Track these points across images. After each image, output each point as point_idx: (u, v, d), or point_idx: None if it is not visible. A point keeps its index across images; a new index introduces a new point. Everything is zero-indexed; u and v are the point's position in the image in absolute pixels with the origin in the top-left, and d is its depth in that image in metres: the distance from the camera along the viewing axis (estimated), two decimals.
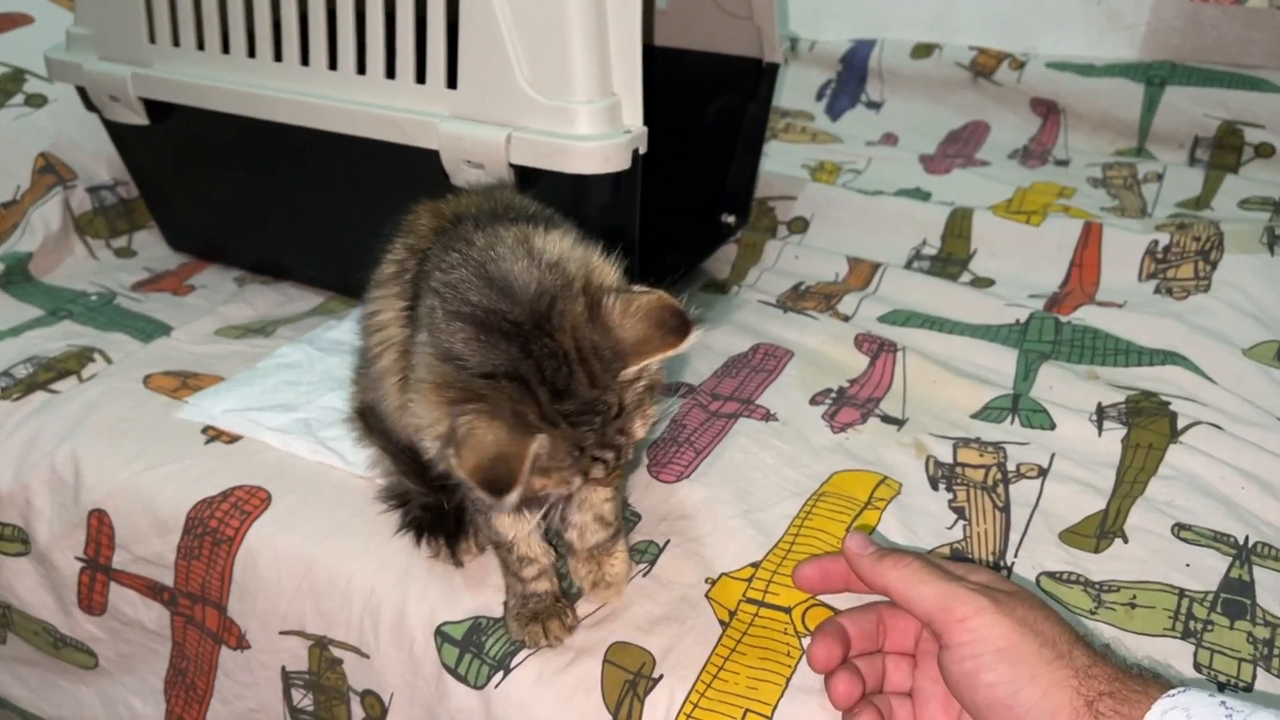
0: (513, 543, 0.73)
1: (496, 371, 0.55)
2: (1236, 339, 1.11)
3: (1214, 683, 0.71)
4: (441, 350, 0.57)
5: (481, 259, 0.60)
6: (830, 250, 1.35)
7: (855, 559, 0.66)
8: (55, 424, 0.98)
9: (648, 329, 0.58)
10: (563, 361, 0.56)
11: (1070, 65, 1.68)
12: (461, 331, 0.56)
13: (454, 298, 0.58)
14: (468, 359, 0.56)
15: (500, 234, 0.63)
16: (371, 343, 0.75)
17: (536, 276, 0.58)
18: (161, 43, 1.12)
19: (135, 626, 0.93)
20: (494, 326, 0.56)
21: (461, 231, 0.67)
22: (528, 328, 0.56)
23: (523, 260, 0.59)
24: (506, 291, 0.57)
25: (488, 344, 0.56)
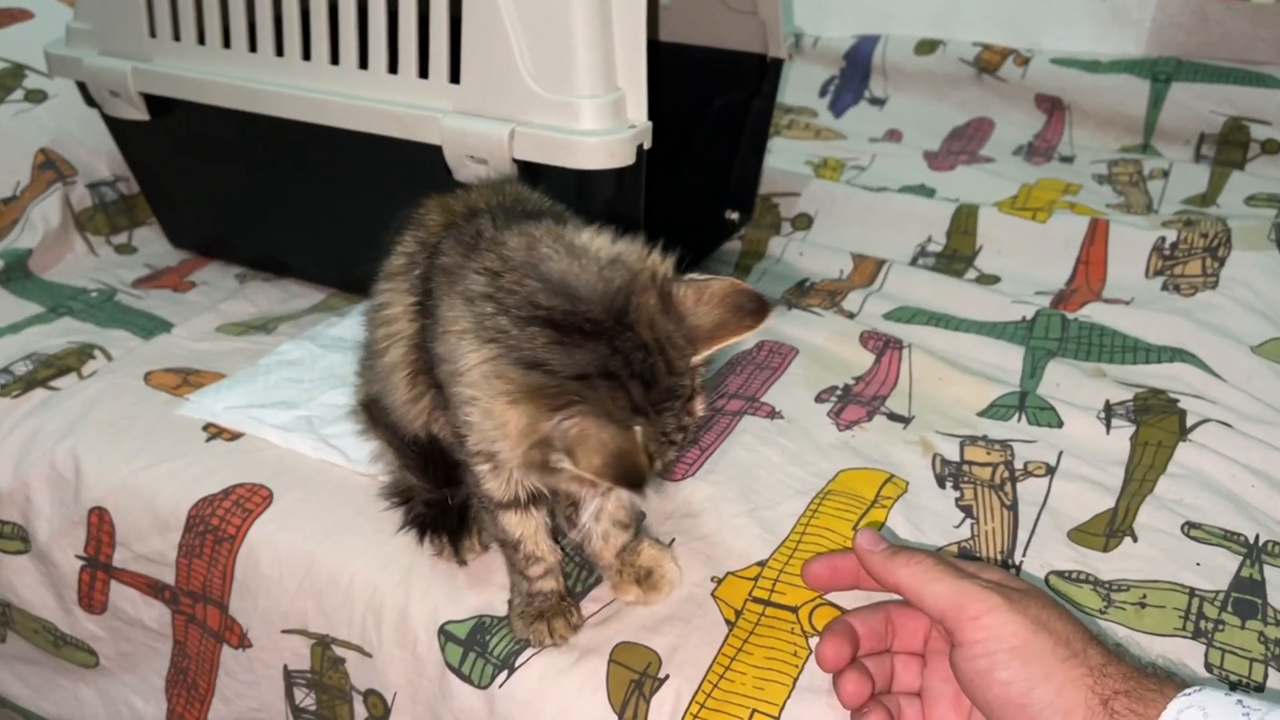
0: (520, 540, 0.72)
1: (590, 372, 0.56)
2: (1245, 336, 1.10)
3: (1225, 683, 0.70)
4: (523, 358, 0.56)
5: (529, 260, 0.59)
6: (834, 247, 1.34)
7: (866, 556, 0.65)
8: (55, 421, 0.98)
9: (723, 313, 0.60)
10: (647, 353, 0.57)
11: (1075, 61, 1.67)
12: (541, 336, 0.56)
13: (517, 302, 0.57)
14: (554, 363, 0.56)
15: (534, 234, 0.62)
16: (378, 335, 0.75)
17: (600, 274, 0.59)
18: (162, 37, 1.11)
19: (136, 625, 0.93)
20: (575, 328, 0.56)
21: (479, 228, 0.66)
22: (609, 325, 0.57)
23: (577, 260, 0.59)
24: (573, 292, 0.58)
25: (572, 346, 0.56)
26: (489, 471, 0.69)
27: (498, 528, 0.72)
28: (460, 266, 0.64)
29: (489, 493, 0.70)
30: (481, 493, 0.70)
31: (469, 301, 0.60)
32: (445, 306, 0.63)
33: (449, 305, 0.62)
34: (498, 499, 0.70)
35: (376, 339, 0.75)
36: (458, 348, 0.60)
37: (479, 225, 0.67)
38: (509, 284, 0.59)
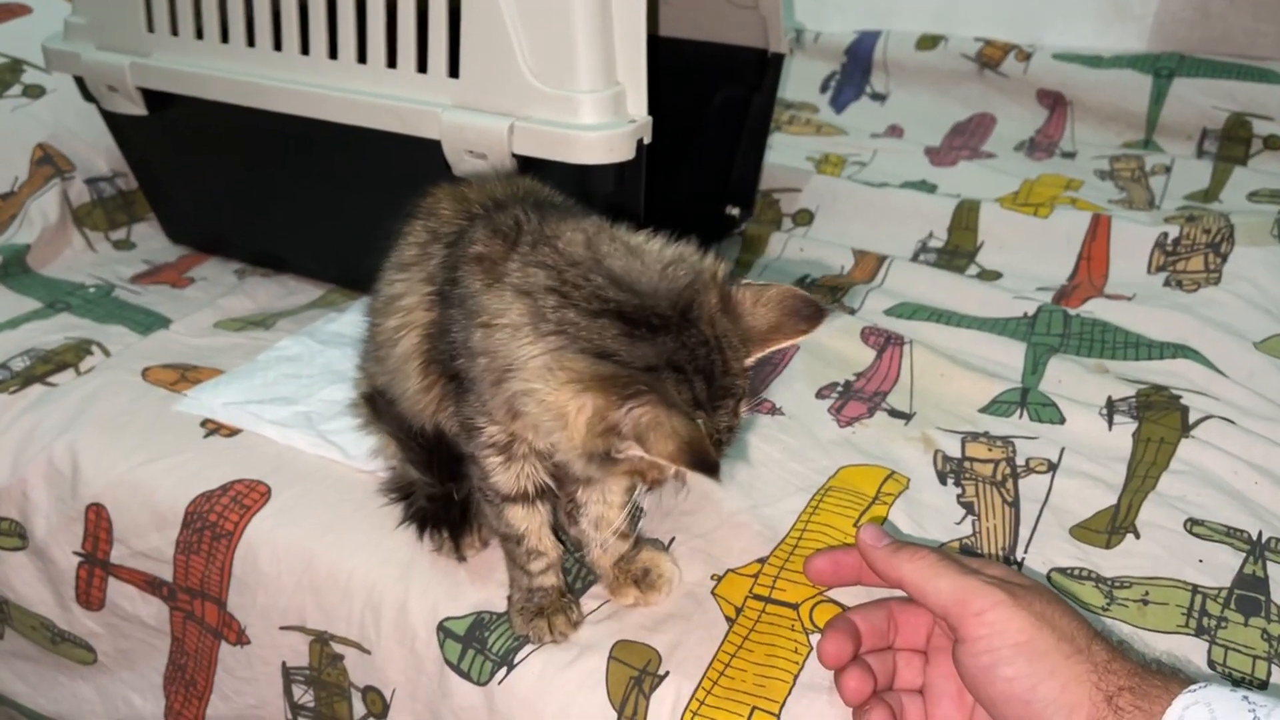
0: (524, 535, 0.72)
1: (658, 364, 0.57)
2: (1248, 332, 1.10)
3: (1228, 680, 0.70)
4: (592, 348, 0.57)
5: (593, 256, 0.60)
6: (835, 243, 1.34)
7: (869, 551, 0.65)
8: (53, 417, 0.97)
9: (779, 316, 0.62)
10: (709, 349, 0.59)
11: (1077, 57, 1.67)
12: (611, 328, 0.58)
13: (585, 296, 0.58)
14: (624, 354, 0.57)
15: (588, 230, 0.63)
16: (390, 325, 0.74)
17: (664, 272, 0.60)
18: (160, 32, 1.11)
19: (134, 622, 0.92)
20: (643, 321, 0.58)
21: (516, 220, 0.65)
22: (675, 320, 0.58)
23: (638, 258, 0.61)
24: (639, 288, 0.59)
25: (641, 339, 0.57)
26: (499, 464, 0.69)
27: (502, 522, 0.72)
28: (503, 258, 0.63)
29: (496, 486, 0.70)
30: (488, 486, 0.70)
31: (525, 294, 0.60)
32: (490, 298, 0.62)
33: (496, 298, 0.62)
34: (505, 492, 0.70)
35: (387, 329, 0.74)
36: (509, 341, 0.60)
37: (515, 217, 0.66)
38: (574, 278, 0.59)
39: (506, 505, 0.71)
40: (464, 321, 0.65)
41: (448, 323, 0.67)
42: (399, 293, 0.73)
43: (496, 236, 0.65)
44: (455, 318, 0.66)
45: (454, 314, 0.66)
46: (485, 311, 0.62)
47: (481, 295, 0.62)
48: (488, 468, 0.69)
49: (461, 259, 0.66)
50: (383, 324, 0.75)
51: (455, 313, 0.66)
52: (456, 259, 0.67)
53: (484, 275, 0.63)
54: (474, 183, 0.77)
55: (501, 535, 0.74)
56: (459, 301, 0.65)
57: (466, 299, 0.64)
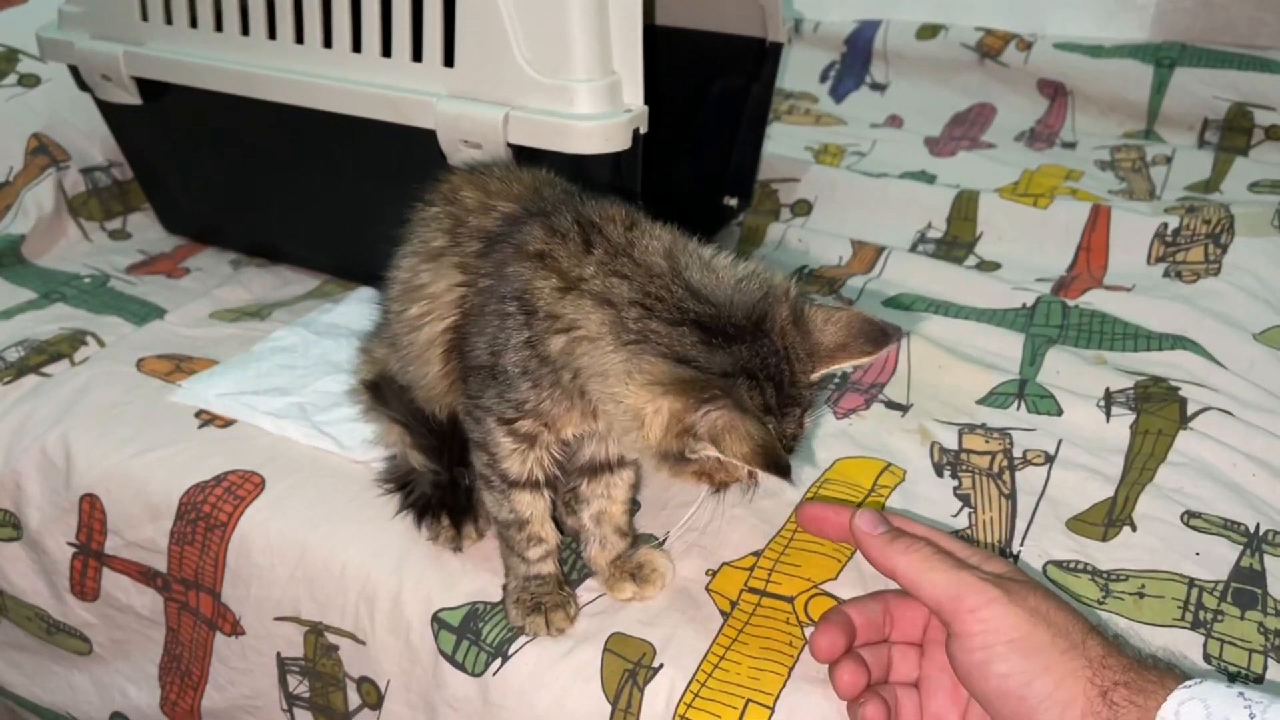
0: (528, 520, 0.72)
1: (734, 371, 0.59)
2: (1247, 323, 1.09)
3: (1224, 674, 0.70)
4: (672, 354, 0.60)
5: (674, 269, 0.63)
6: (834, 233, 1.33)
7: (864, 539, 0.64)
8: (47, 407, 0.97)
9: (846, 336, 0.64)
10: (779, 359, 0.61)
11: (1078, 46, 1.66)
12: (690, 336, 0.60)
13: (667, 307, 0.61)
14: (702, 360, 0.60)
15: (665, 242, 0.65)
16: (412, 313, 0.73)
17: (738, 286, 0.63)
18: (154, 20, 1.10)
19: (129, 612, 0.92)
20: (720, 330, 0.60)
21: (581, 222, 0.65)
22: (750, 330, 0.61)
23: (713, 273, 0.63)
24: (716, 300, 0.62)
25: (718, 347, 0.60)
26: (516, 452, 0.70)
27: (506, 507, 0.72)
28: (575, 264, 0.63)
29: (506, 472, 0.70)
30: (497, 471, 0.71)
31: (607, 304, 0.62)
32: (566, 305, 0.63)
33: (573, 306, 0.63)
34: (513, 478, 0.71)
35: (409, 316, 0.73)
36: (591, 349, 0.62)
37: (575, 217, 0.66)
38: (657, 290, 0.61)
39: (514, 490, 0.71)
40: (516, 318, 0.65)
41: (482, 314, 0.67)
42: (424, 281, 0.72)
43: (556, 236, 0.65)
44: (496, 310, 0.66)
45: (494, 307, 0.66)
46: (561, 318, 0.63)
47: (556, 302, 0.63)
48: (500, 454, 0.70)
49: (512, 255, 0.66)
50: (403, 311, 0.74)
51: (496, 306, 0.66)
52: (505, 255, 0.66)
53: (555, 279, 0.64)
54: (493, 171, 0.76)
55: (502, 522, 0.73)
56: (504, 296, 0.65)
57: (526, 298, 0.64)
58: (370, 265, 0.84)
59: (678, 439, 0.60)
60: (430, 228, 0.74)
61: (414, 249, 0.74)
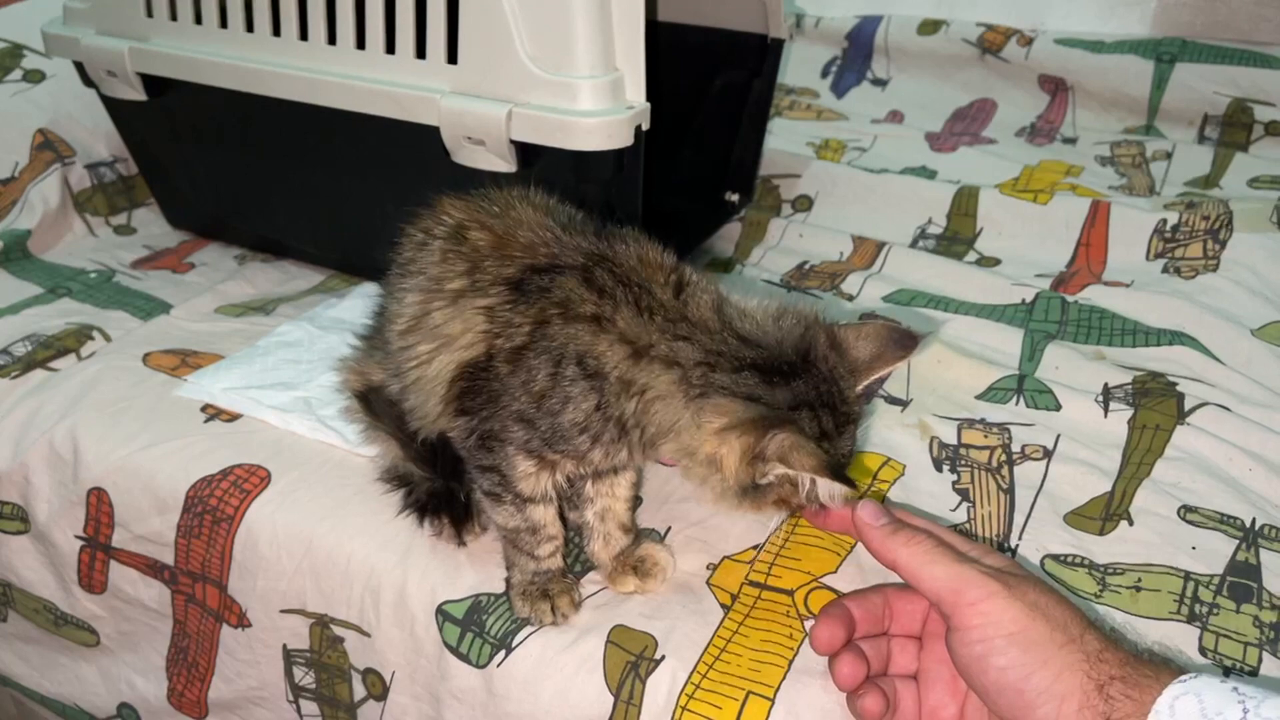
0: (542, 526, 0.73)
1: (796, 404, 0.64)
2: (1245, 319, 1.10)
3: (1219, 667, 0.71)
4: (740, 394, 0.64)
5: (723, 323, 0.67)
6: (835, 229, 1.34)
7: (866, 530, 0.65)
8: (54, 402, 0.98)
9: (878, 346, 0.69)
10: (829, 384, 0.66)
11: (1079, 42, 1.66)
12: (751, 378, 0.64)
13: (727, 359, 0.65)
14: (766, 397, 0.64)
15: (708, 297, 0.68)
16: (423, 349, 0.72)
17: (777, 325, 0.67)
18: (159, 17, 1.11)
19: (136, 605, 0.93)
20: (776, 370, 0.65)
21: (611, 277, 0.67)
22: (800, 364, 0.65)
23: (752, 319, 0.68)
24: (764, 343, 0.66)
25: (778, 385, 0.64)
26: (532, 475, 0.71)
27: (520, 517, 0.73)
28: (642, 331, 0.65)
29: (519, 491, 0.72)
30: (509, 490, 0.72)
31: (674, 365, 0.65)
32: (638, 371, 0.65)
33: (645, 371, 0.65)
34: (527, 496, 0.72)
35: (419, 351, 0.73)
36: (665, 410, 0.65)
37: (627, 278, 0.67)
38: (716, 346, 0.65)
39: (529, 505, 0.73)
40: (579, 383, 0.66)
41: (523, 366, 0.67)
42: (438, 322, 0.71)
43: (605, 297, 0.66)
44: (547, 369, 0.67)
45: (542, 364, 0.67)
46: (635, 383, 0.66)
47: (629, 369, 0.65)
48: (515, 477, 0.71)
49: (558, 315, 0.67)
50: (411, 346, 0.73)
51: (546, 364, 0.67)
52: (547, 313, 0.67)
53: (624, 346, 0.65)
54: (492, 201, 0.75)
55: (512, 529, 0.74)
56: (559, 357, 0.66)
57: (590, 362, 0.66)
58: (374, 260, 0.84)
59: (749, 466, 0.63)
60: (440, 265, 0.72)
61: (423, 285, 0.73)
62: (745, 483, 0.64)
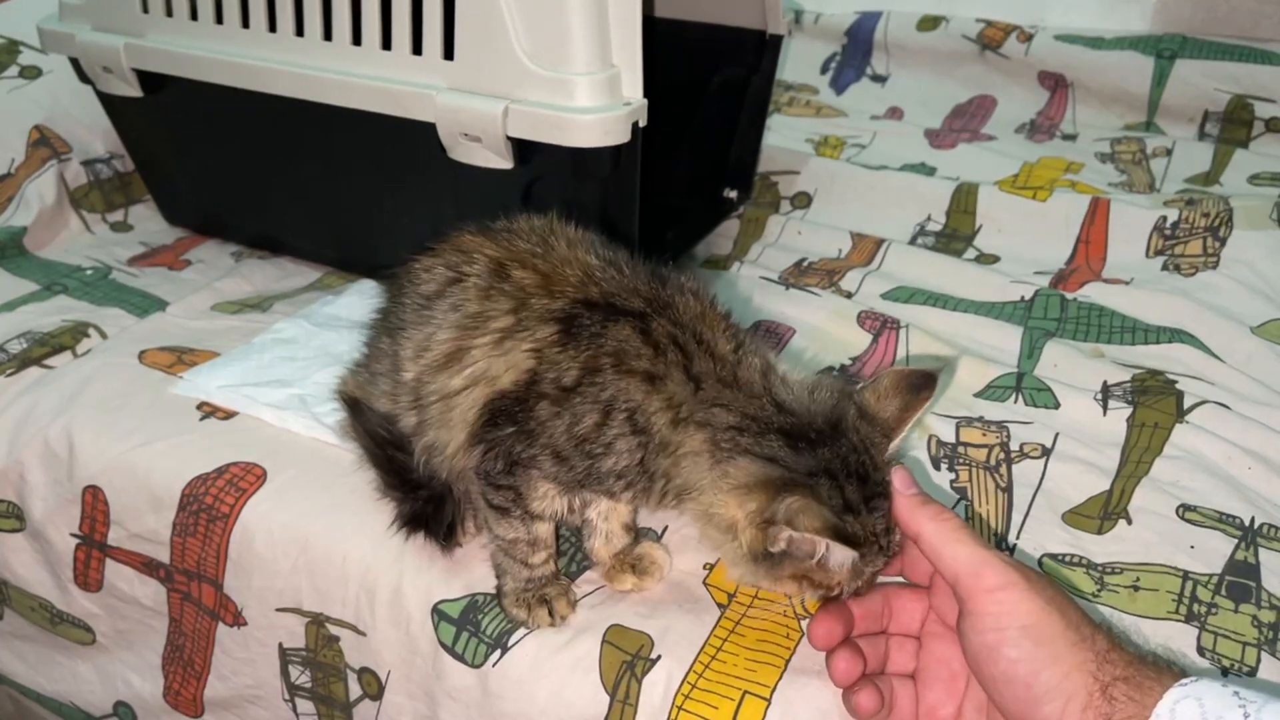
0: (541, 539, 0.73)
1: (816, 470, 0.63)
2: (1245, 317, 1.09)
3: (1217, 667, 0.70)
4: (761, 455, 0.63)
5: (765, 389, 0.66)
6: (833, 226, 1.34)
7: (896, 496, 0.64)
8: (49, 399, 0.98)
9: (901, 398, 0.67)
10: (858, 454, 0.64)
11: (1079, 38, 1.66)
12: (776, 441, 0.64)
13: (757, 426, 0.64)
14: (787, 460, 0.63)
15: (757, 364, 0.68)
16: (456, 383, 0.71)
17: (812, 396, 0.67)
18: (154, 12, 1.10)
19: (132, 603, 0.93)
20: (803, 436, 0.64)
21: (668, 335, 0.67)
22: (828, 434, 0.64)
23: (790, 388, 0.67)
24: (796, 411, 0.65)
25: (802, 451, 0.63)
26: (547, 496, 0.71)
27: (524, 530, 0.73)
28: (688, 397, 0.65)
29: (533, 509, 0.71)
30: (525, 508, 0.71)
31: (708, 427, 0.65)
32: (677, 434, 0.65)
33: (682, 432, 0.65)
34: (538, 513, 0.72)
35: (451, 387, 0.71)
36: (693, 470, 0.65)
37: (672, 333, 0.67)
38: (754, 411, 0.65)
39: (537, 521, 0.72)
40: (627, 438, 0.66)
41: (568, 406, 0.67)
42: (478, 359, 0.70)
43: (660, 355, 0.66)
44: (593, 416, 0.66)
45: (589, 410, 0.66)
46: (671, 443, 0.65)
47: (670, 431, 0.65)
48: (532, 498, 0.71)
49: (611, 364, 0.66)
50: (437, 381, 0.72)
51: (593, 411, 0.66)
52: (599, 360, 0.66)
53: (670, 412, 0.65)
54: (525, 239, 0.73)
55: (510, 540, 0.73)
56: (608, 408, 0.66)
57: (638, 419, 0.66)
58: (371, 257, 0.84)
59: (761, 531, 0.62)
60: (482, 303, 0.71)
61: (459, 323, 0.71)
62: (758, 549, 0.63)
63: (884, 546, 0.64)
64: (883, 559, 0.65)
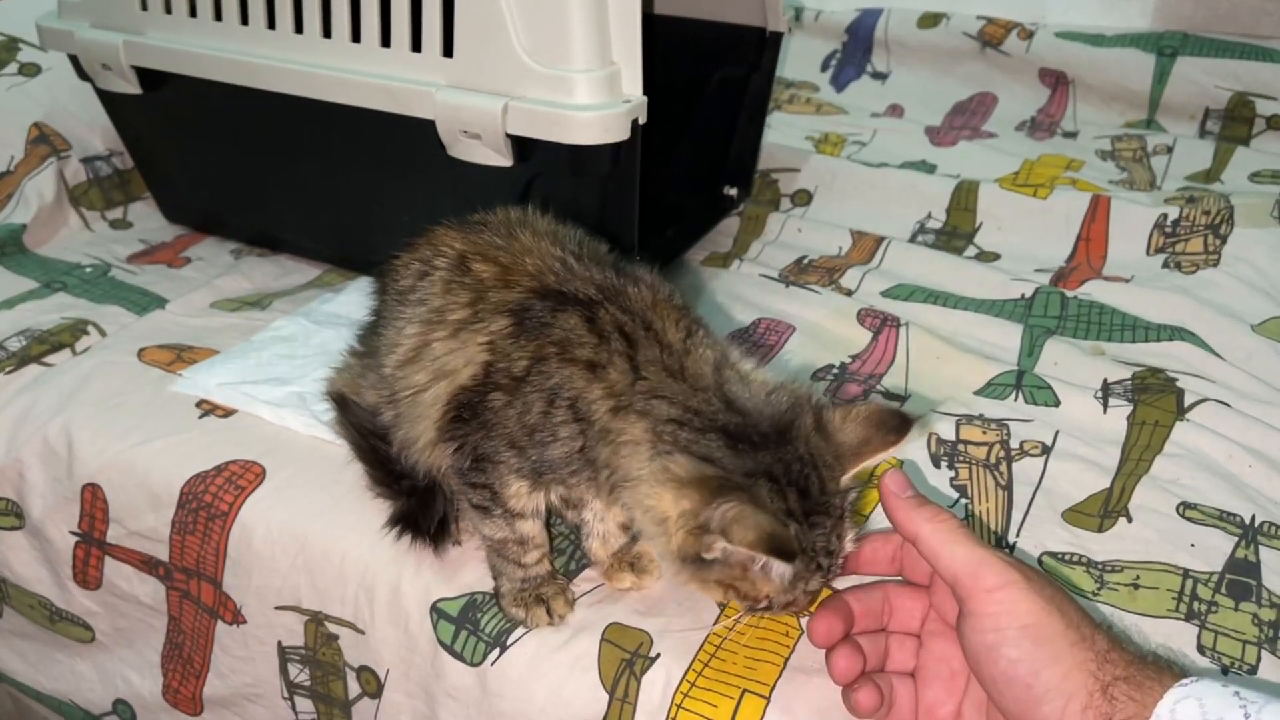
0: (530, 537, 0.73)
1: (755, 471, 0.61)
2: (1246, 314, 1.09)
3: (1217, 665, 0.70)
4: (698, 453, 0.62)
5: (716, 383, 0.65)
6: (833, 223, 1.33)
7: (890, 499, 0.63)
8: (48, 397, 0.97)
9: (867, 430, 0.64)
10: (803, 465, 0.62)
11: (1080, 35, 1.65)
12: (717, 441, 0.62)
13: (700, 420, 0.63)
14: (725, 461, 0.61)
15: (714, 356, 0.66)
16: (420, 377, 0.72)
17: (768, 398, 0.65)
18: (154, 9, 1.10)
19: (131, 601, 0.93)
20: (745, 438, 0.62)
21: (613, 324, 0.66)
22: (774, 438, 0.62)
23: (748, 386, 0.65)
24: (746, 411, 0.64)
25: (743, 452, 0.61)
26: (521, 492, 0.70)
27: (509, 529, 0.72)
28: (628, 386, 0.64)
29: (511, 507, 0.71)
30: (504, 506, 0.71)
31: (648, 416, 0.63)
32: (617, 421, 0.64)
33: (622, 420, 0.64)
34: (518, 511, 0.72)
35: (416, 381, 0.73)
36: (630, 456, 0.64)
37: (617, 321, 0.66)
38: (697, 404, 0.63)
39: (518, 520, 0.72)
40: (570, 425, 0.66)
41: (519, 395, 0.67)
42: (439, 353, 0.71)
43: (604, 343, 0.66)
44: (540, 405, 0.66)
45: (537, 399, 0.66)
46: (612, 431, 0.64)
47: (610, 419, 0.64)
48: (507, 495, 0.71)
49: (556, 354, 0.66)
50: (408, 376, 0.73)
51: (540, 400, 0.66)
52: (546, 350, 0.66)
53: (610, 400, 0.64)
54: (495, 233, 0.74)
55: (499, 540, 0.74)
56: (552, 396, 0.66)
57: (580, 407, 0.65)
58: (370, 254, 0.84)
59: (694, 536, 0.61)
60: (443, 297, 0.72)
61: (424, 317, 0.72)
62: (689, 553, 0.61)
63: (822, 566, 0.63)
64: (819, 579, 0.63)
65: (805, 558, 0.61)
